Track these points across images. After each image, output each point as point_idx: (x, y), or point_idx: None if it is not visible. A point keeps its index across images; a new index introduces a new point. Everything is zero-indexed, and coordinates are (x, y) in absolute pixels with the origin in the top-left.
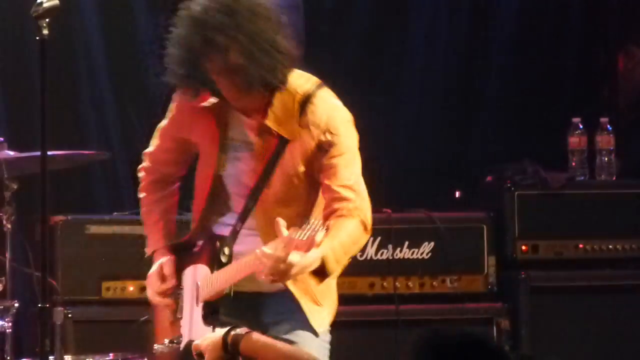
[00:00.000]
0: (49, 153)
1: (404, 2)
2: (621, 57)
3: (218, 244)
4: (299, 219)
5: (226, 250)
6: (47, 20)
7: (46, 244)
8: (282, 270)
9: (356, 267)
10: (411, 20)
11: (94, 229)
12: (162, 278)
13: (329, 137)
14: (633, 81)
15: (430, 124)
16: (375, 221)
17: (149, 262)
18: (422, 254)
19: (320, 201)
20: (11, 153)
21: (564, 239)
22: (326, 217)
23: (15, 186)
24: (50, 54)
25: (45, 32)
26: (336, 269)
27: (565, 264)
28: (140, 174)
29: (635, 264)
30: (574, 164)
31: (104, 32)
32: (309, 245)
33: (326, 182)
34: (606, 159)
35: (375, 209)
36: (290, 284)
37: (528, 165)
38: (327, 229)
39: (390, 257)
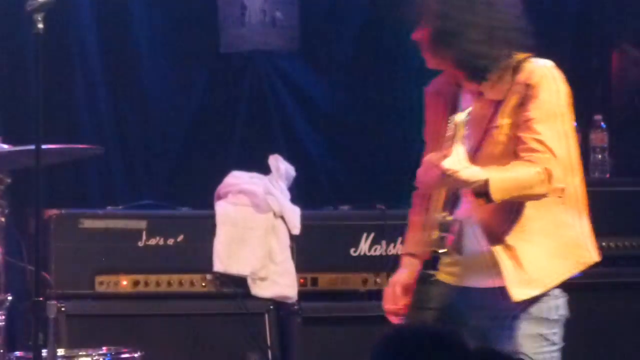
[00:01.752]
0: (43, 147)
1: None
2: (615, 55)
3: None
4: None
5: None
6: (42, 14)
7: (40, 238)
8: (434, 175)
9: (349, 263)
10: (406, 17)
11: (87, 223)
12: (395, 297)
13: (528, 91)
14: (627, 80)
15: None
16: (368, 217)
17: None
18: None
19: None
20: (5, 147)
21: None
22: None
23: (8, 180)
24: (44, 48)
25: (40, 26)
26: (500, 195)
27: None
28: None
29: (628, 261)
30: None
31: (99, 26)
32: (452, 137)
33: (518, 133)
34: (600, 156)
35: (369, 205)
36: (498, 248)
37: None
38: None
39: (384, 253)
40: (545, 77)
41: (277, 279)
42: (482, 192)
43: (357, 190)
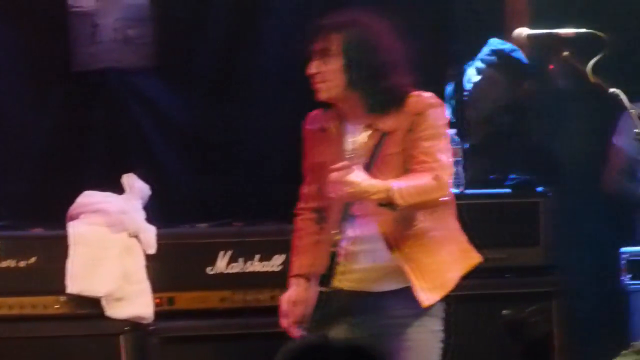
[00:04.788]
0: None
1: (258, 13)
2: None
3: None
4: None
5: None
6: None
7: None
8: (341, 190)
9: (207, 282)
10: (265, 31)
11: None
12: (292, 307)
13: (416, 119)
14: (485, 98)
15: (284, 135)
16: (225, 235)
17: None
18: (273, 266)
19: None
20: None
21: None
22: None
23: None
24: None
25: None
26: (404, 201)
27: None
28: (298, 215)
29: (479, 274)
30: None
31: None
32: (353, 156)
33: (409, 152)
34: (455, 170)
35: (226, 222)
36: (402, 261)
37: None
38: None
39: (241, 271)
40: (431, 105)
41: (133, 299)
42: (386, 201)
43: (215, 208)
